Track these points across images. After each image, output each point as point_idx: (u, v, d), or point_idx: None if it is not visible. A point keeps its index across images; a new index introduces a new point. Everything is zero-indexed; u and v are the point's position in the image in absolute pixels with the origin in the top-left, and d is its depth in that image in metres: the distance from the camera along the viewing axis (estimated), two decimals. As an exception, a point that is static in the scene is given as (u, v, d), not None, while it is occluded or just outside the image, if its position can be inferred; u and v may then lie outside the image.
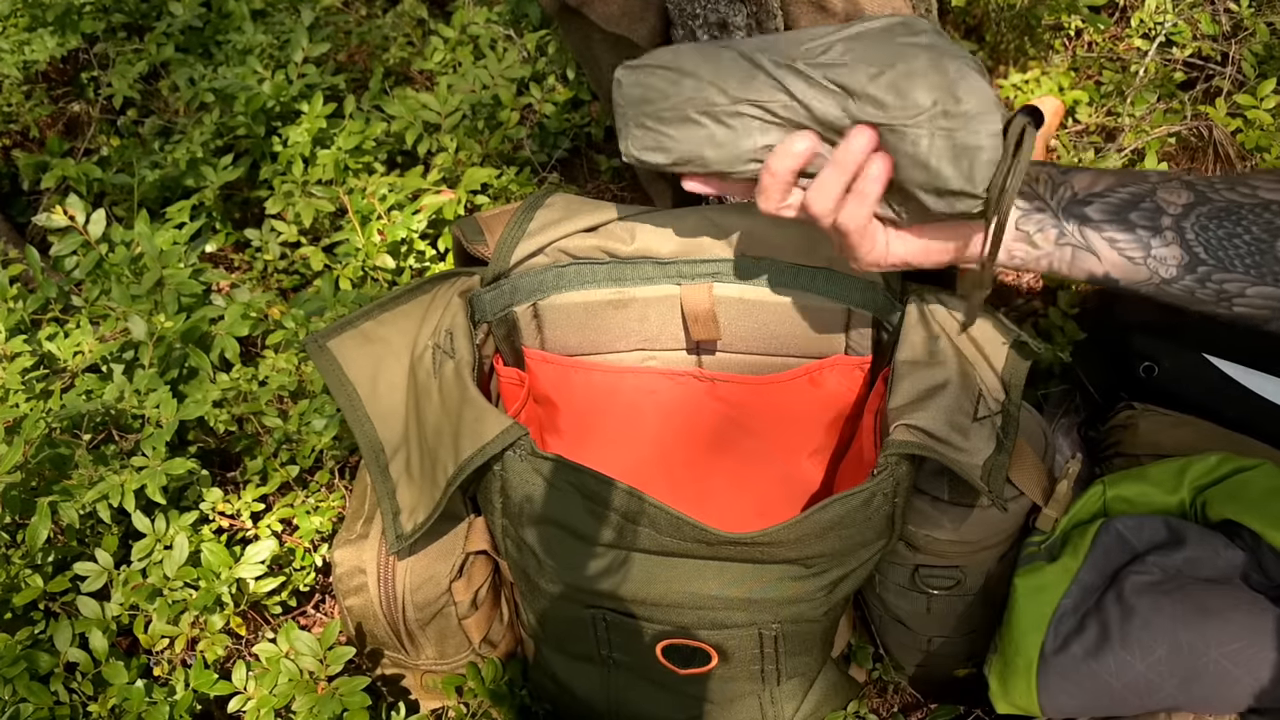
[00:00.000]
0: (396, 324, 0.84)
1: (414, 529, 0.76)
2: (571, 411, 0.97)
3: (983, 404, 0.76)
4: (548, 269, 0.88)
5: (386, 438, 0.80)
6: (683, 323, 0.92)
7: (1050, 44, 1.49)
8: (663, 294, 0.90)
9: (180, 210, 1.30)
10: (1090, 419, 1.00)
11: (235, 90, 1.42)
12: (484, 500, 0.80)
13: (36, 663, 0.86)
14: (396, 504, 0.78)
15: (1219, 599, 0.69)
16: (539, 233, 0.87)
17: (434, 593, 0.82)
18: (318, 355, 0.82)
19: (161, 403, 1.02)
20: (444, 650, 0.87)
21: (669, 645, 0.73)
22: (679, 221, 0.88)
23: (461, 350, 0.80)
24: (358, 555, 0.82)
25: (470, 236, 0.88)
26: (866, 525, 0.73)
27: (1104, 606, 0.71)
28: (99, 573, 0.92)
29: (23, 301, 1.17)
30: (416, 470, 0.78)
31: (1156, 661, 0.68)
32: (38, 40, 1.59)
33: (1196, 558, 0.72)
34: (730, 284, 0.88)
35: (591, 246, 0.87)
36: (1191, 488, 0.77)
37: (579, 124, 1.49)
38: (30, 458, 0.97)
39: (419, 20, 1.67)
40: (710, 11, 0.97)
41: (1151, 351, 0.91)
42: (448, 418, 0.76)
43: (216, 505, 1.01)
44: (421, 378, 0.80)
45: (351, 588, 0.82)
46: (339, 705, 0.80)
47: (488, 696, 0.86)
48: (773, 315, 0.89)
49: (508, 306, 0.89)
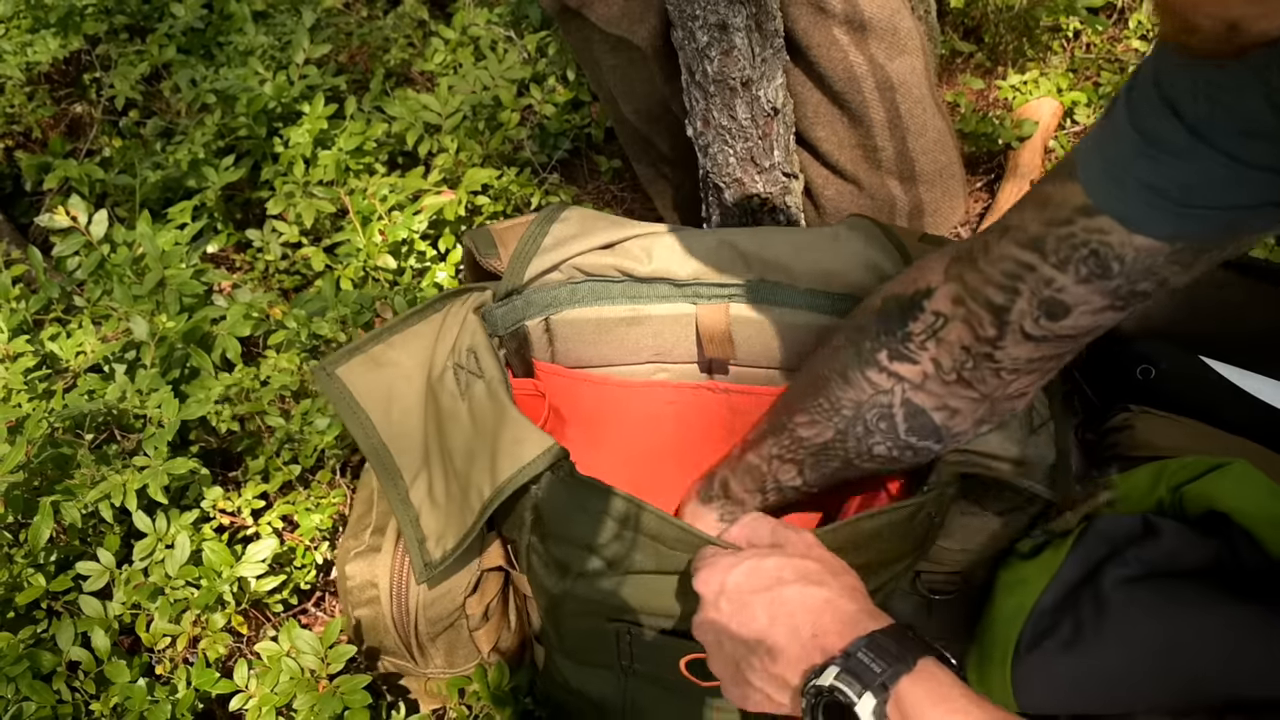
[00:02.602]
0: (407, 346, 0.82)
1: (443, 556, 0.74)
2: (580, 423, 0.96)
3: (1036, 413, 0.75)
4: (561, 285, 0.87)
5: (405, 463, 0.77)
6: (697, 340, 0.91)
7: (1049, 45, 1.49)
8: (678, 312, 0.89)
9: (182, 211, 1.31)
10: (1088, 421, 1.00)
11: (237, 91, 1.43)
12: (511, 516, 0.78)
13: (39, 661, 0.87)
14: (421, 531, 0.75)
15: (1195, 591, 0.70)
16: (554, 249, 0.85)
17: (448, 608, 0.80)
18: (327, 384, 0.80)
19: (163, 403, 1.02)
20: (453, 660, 0.86)
21: (693, 660, 0.72)
22: (698, 243, 0.86)
23: (490, 369, 0.77)
24: (370, 569, 0.80)
25: (483, 250, 0.86)
26: (905, 539, 0.72)
27: (1079, 602, 0.71)
28: (101, 572, 0.92)
29: (25, 302, 1.17)
30: (441, 495, 0.76)
31: (1132, 655, 0.68)
32: (40, 42, 1.60)
33: (1173, 550, 0.72)
34: (747, 304, 0.88)
35: (607, 265, 0.86)
36: (1169, 486, 0.77)
37: (579, 125, 1.49)
38: (33, 457, 0.97)
39: (420, 21, 1.68)
40: (710, 13, 0.97)
41: (1149, 354, 0.91)
42: (481, 439, 0.74)
43: (217, 503, 1.02)
44: (445, 400, 0.78)
45: (363, 600, 0.81)
46: (340, 704, 0.80)
47: (490, 700, 0.86)
48: (789, 335, 0.88)
49: (519, 321, 0.88)
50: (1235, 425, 0.87)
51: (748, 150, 1.08)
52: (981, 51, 1.50)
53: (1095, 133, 0.59)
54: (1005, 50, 1.49)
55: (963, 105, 1.41)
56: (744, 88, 1.02)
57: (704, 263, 0.86)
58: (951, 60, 1.52)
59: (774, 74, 1.04)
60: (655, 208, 1.36)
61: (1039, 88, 1.42)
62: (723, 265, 0.86)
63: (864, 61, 1.09)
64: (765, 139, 1.08)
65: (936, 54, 1.39)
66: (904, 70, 1.11)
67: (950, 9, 1.45)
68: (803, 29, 1.07)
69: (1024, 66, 1.48)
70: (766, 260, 0.86)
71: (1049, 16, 1.46)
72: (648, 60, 1.11)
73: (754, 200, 1.13)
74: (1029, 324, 0.62)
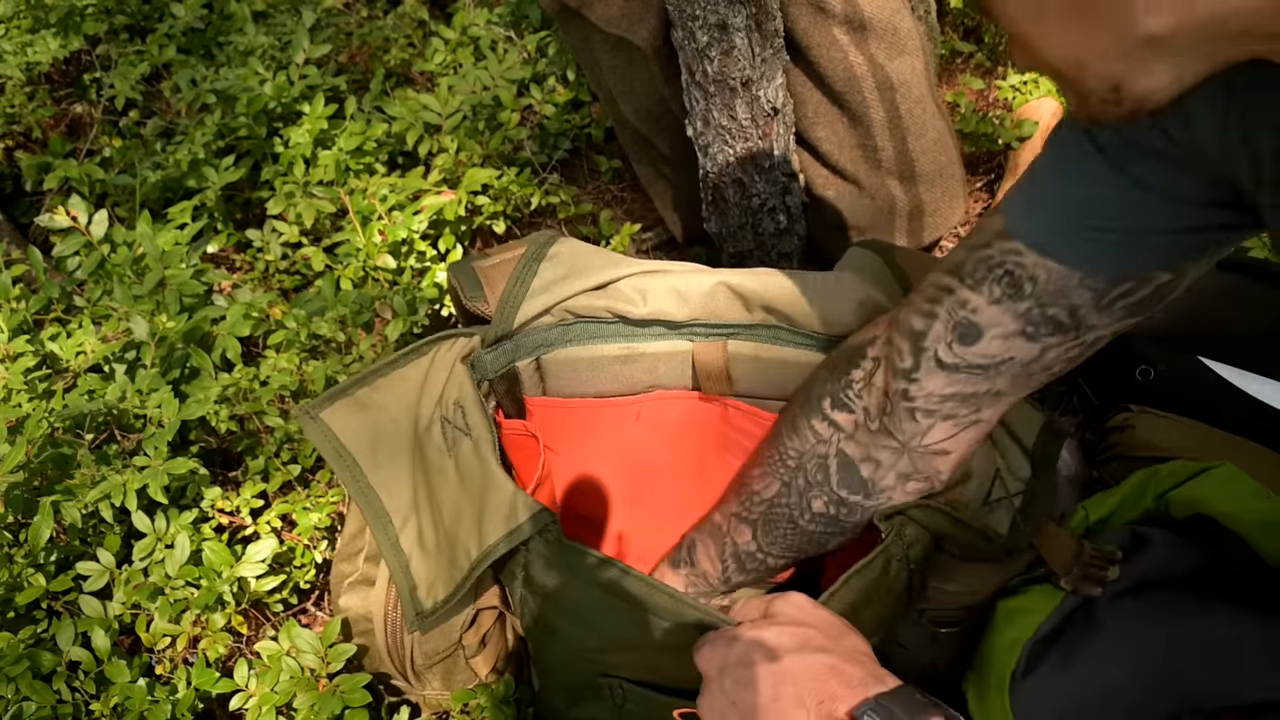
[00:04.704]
0: (393, 389, 0.79)
1: (434, 607, 0.72)
2: (573, 443, 0.94)
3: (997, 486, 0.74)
4: (553, 327, 0.85)
5: (394, 507, 0.75)
6: (693, 374, 0.89)
7: (1049, 46, 1.49)
8: (674, 349, 0.87)
9: (182, 211, 1.31)
10: (1088, 421, 1.01)
11: (237, 91, 1.43)
12: (506, 567, 0.77)
13: (39, 661, 0.87)
14: (412, 579, 0.73)
15: (1187, 598, 0.70)
16: (543, 292, 0.83)
17: (444, 644, 0.80)
18: (311, 428, 0.77)
19: (163, 402, 1.02)
20: (450, 685, 0.85)
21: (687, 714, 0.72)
22: (694, 283, 0.84)
23: (478, 427, 0.76)
24: (364, 604, 0.80)
25: (469, 292, 0.84)
26: (890, 593, 0.71)
27: (1072, 624, 0.71)
28: (101, 572, 0.92)
29: (25, 302, 1.17)
30: (431, 544, 0.74)
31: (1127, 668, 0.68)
32: (40, 42, 1.60)
33: (1163, 559, 0.73)
34: (745, 342, 0.86)
35: (600, 307, 0.84)
36: (1155, 494, 0.78)
37: (579, 125, 1.49)
38: (33, 457, 0.97)
39: (420, 22, 1.68)
40: (710, 12, 0.97)
41: (1148, 355, 0.91)
42: (469, 499, 0.73)
43: (216, 502, 1.02)
44: (432, 455, 0.76)
45: (357, 632, 0.81)
46: (340, 703, 0.80)
47: (492, 711, 0.85)
48: (787, 371, 0.86)
49: (510, 363, 0.86)
50: (1234, 425, 0.87)
51: (748, 150, 1.08)
52: (981, 51, 1.50)
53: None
54: (1005, 50, 1.49)
55: (963, 105, 1.41)
56: (744, 88, 1.02)
57: (701, 305, 0.84)
58: (951, 60, 1.52)
59: (774, 74, 1.04)
60: (655, 208, 1.36)
61: (1039, 88, 1.42)
62: (720, 307, 0.85)
63: (864, 61, 1.09)
64: (765, 139, 1.08)
65: (936, 54, 1.39)
66: (904, 70, 1.11)
67: (950, 9, 1.45)
68: (803, 29, 1.07)
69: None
70: (766, 303, 0.84)
71: (1049, 16, 1.46)
72: (648, 60, 1.11)
73: (754, 200, 1.13)
74: (943, 349, 0.64)
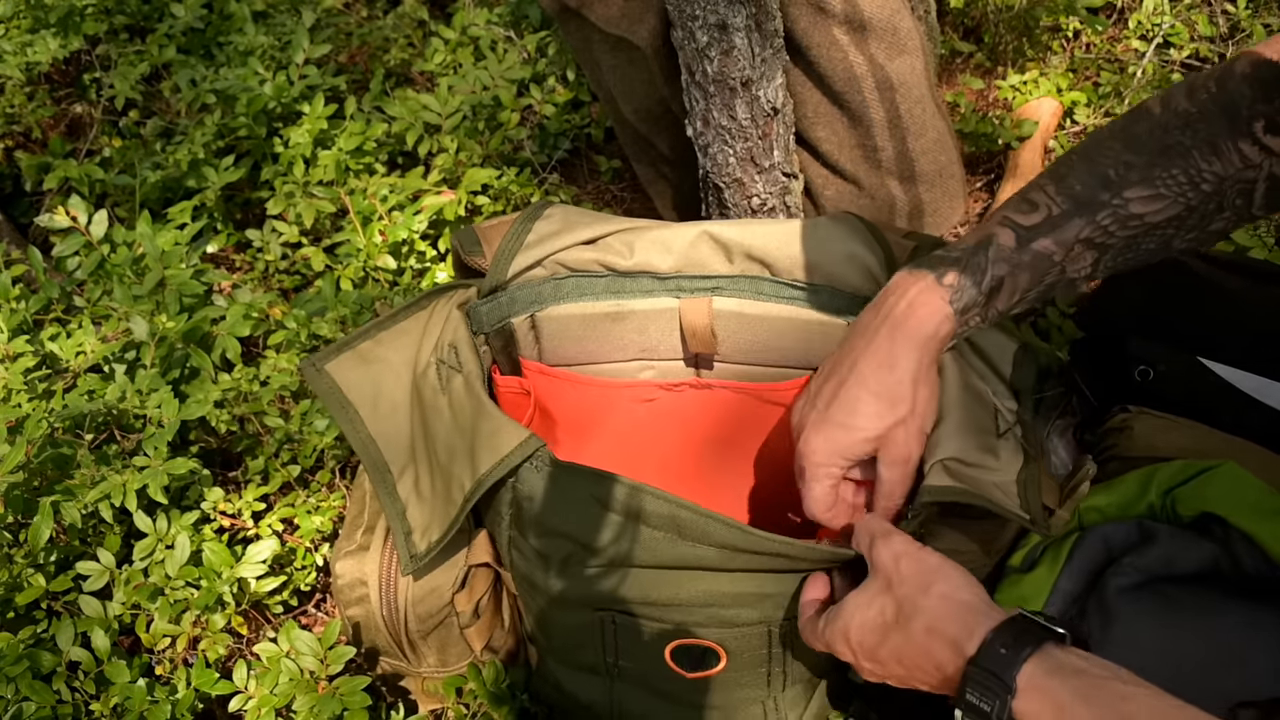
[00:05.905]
0: (394, 342, 0.83)
1: (428, 549, 0.75)
2: (568, 423, 0.96)
3: (1000, 419, 0.75)
4: (545, 281, 0.88)
5: (392, 457, 0.79)
6: (681, 335, 0.92)
7: (1048, 45, 1.49)
8: (661, 307, 0.90)
9: (182, 211, 1.31)
10: (1086, 422, 1.00)
11: (237, 91, 1.43)
12: (490, 512, 0.79)
13: (39, 661, 0.87)
14: (408, 524, 0.76)
15: (1197, 597, 0.70)
16: (537, 245, 0.86)
17: (436, 605, 0.81)
18: (315, 379, 0.81)
19: (163, 403, 1.02)
20: (445, 659, 0.86)
21: (678, 647, 0.72)
22: (678, 236, 0.87)
23: (468, 363, 0.79)
24: (359, 567, 0.81)
25: (467, 248, 0.87)
26: None
27: (1085, 614, 0.71)
28: (101, 572, 0.92)
29: (25, 302, 1.17)
30: (427, 489, 0.77)
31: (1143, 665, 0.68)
32: (40, 42, 1.60)
33: (1169, 555, 0.72)
34: (730, 298, 0.88)
35: (590, 260, 0.87)
36: (1160, 490, 0.78)
37: (579, 125, 1.49)
38: (33, 457, 0.97)
39: (420, 22, 1.68)
40: (710, 13, 0.97)
41: (1147, 355, 0.91)
42: (461, 433, 0.75)
43: (218, 505, 1.02)
44: (428, 395, 0.79)
45: (353, 599, 0.82)
46: (339, 705, 0.81)
47: (488, 698, 0.86)
48: (772, 329, 0.89)
49: (505, 318, 0.89)
50: (1234, 426, 0.86)
51: (748, 150, 1.08)
52: (981, 51, 1.50)
53: None
54: (1005, 50, 1.48)
55: (963, 105, 1.40)
56: (744, 88, 1.02)
57: (685, 255, 0.87)
58: (951, 60, 1.52)
59: (774, 74, 1.04)
60: (655, 208, 1.36)
61: (1039, 88, 1.42)
62: (703, 257, 0.87)
63: (864, 61, 1.09)
64: (765, 139, 1.08)
65: (936, 54, 1.39)
66: (904, 70, 1.11)
67: (950, 9, 1.45)
68: (803, 29, 1.07)
69: (1024, 66, 1.48)
70: (747, 250, 0.86)
71: (1049, 16, 1.46)
72: (648, 60, 1.11)
73: (754, 200, 1.13)
74: None
